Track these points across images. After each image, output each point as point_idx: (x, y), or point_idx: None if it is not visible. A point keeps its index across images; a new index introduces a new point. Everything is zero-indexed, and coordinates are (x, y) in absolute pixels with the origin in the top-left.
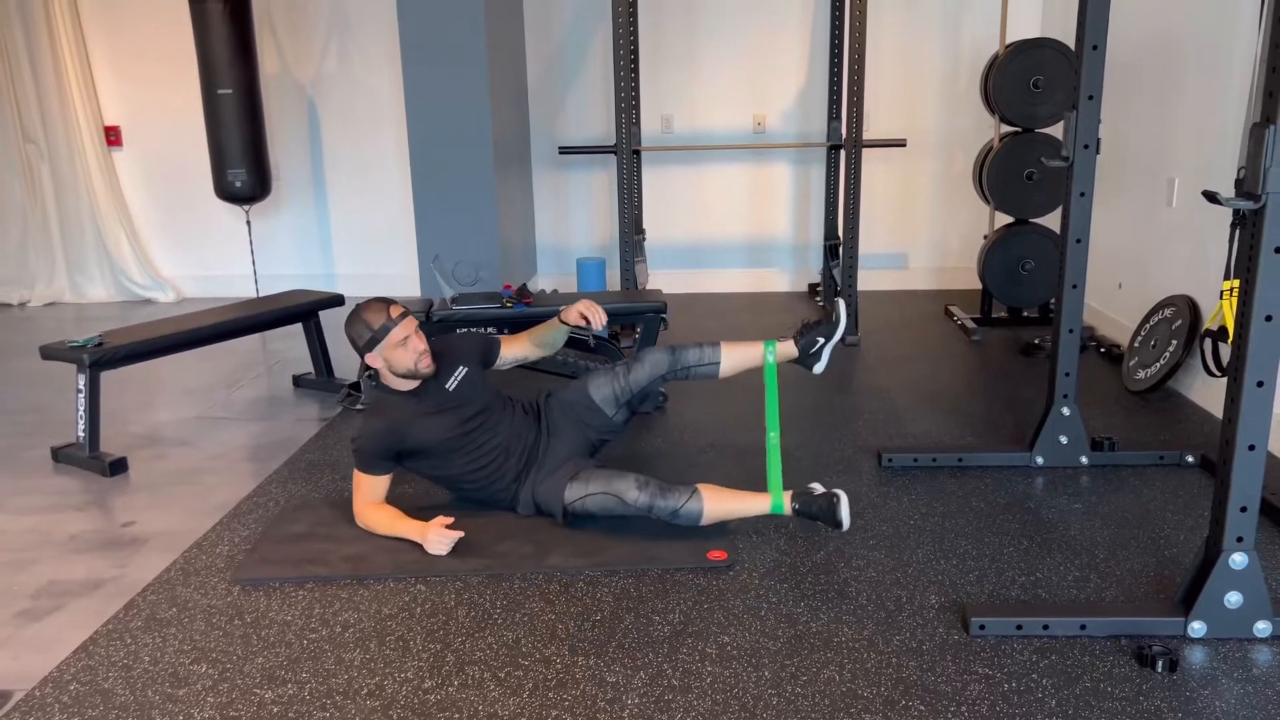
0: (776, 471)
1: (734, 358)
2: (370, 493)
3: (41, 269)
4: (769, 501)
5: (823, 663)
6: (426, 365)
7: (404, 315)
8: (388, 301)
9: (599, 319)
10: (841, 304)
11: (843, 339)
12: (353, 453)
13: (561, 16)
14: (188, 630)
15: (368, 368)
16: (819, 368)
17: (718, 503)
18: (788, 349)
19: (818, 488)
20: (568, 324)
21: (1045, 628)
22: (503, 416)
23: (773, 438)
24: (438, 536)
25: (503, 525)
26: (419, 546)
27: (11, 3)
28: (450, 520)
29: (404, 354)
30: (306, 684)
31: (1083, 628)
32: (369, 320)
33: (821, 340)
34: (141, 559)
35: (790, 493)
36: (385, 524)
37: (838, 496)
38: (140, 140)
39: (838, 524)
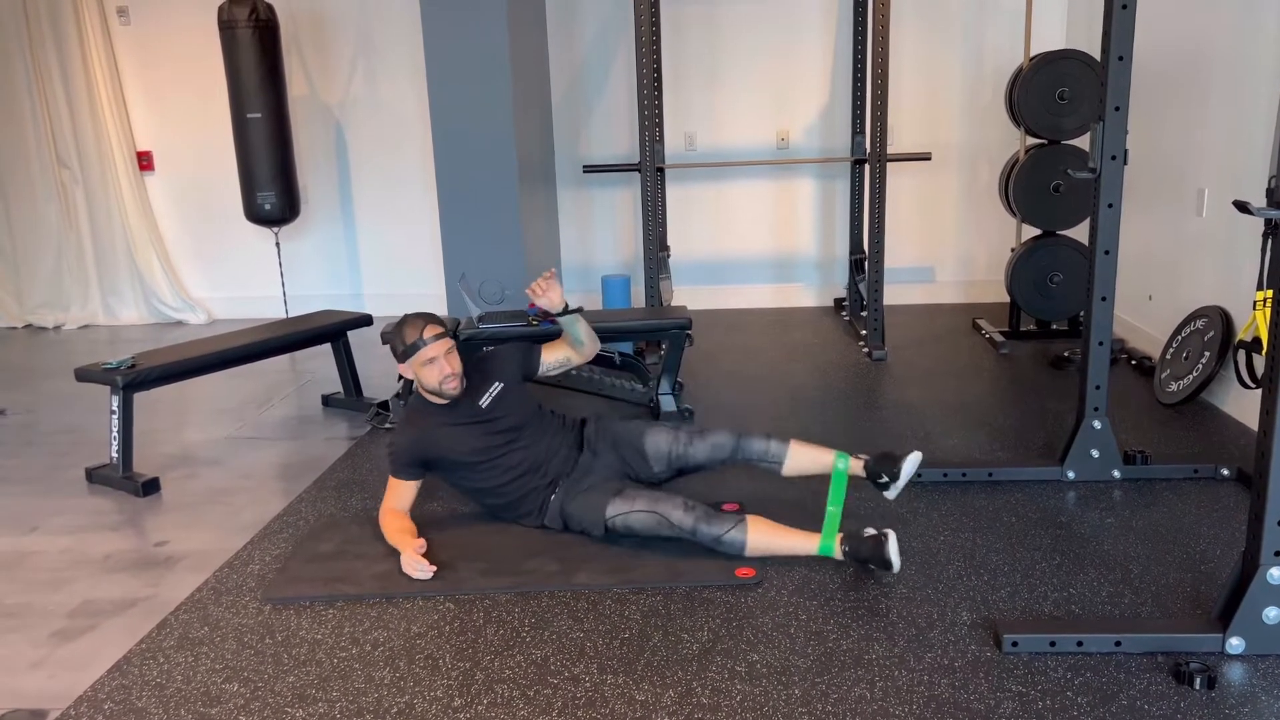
0: (834, 518)
1: (802, 459)
2: (395, 498)
3: (76, 292)
4: (818, 542)
5: (853, 681)
6: (452, 388)
7: (439, 336)
8: (430, 319)
9: (546, 298)
10: (912, 458)
11: (904, 485)
12: (387, 456)
13: (585, 36)
14: (219, 649)
15: (404, 377)
16: (890, 495)
17: (764, 536)
18: (857, 466)
19: (870, 531)
20: (554, 313)
21: (1079, 644)
22: (538, 435)
23: (832, 511)
24: (407, 563)
25: (530, 543)
26: (448, 565)
27: (46, 30)
28: (422, 546)
29: (430, 373)
30: (337, 703)
31: (1118, 644)
32: (405, 334)
33: (886, 479)
34: (174, 578)
35: (841, 535)
36: (390, 533)
37: (885, 535)
38: (171, 164)
39: (887, 564)
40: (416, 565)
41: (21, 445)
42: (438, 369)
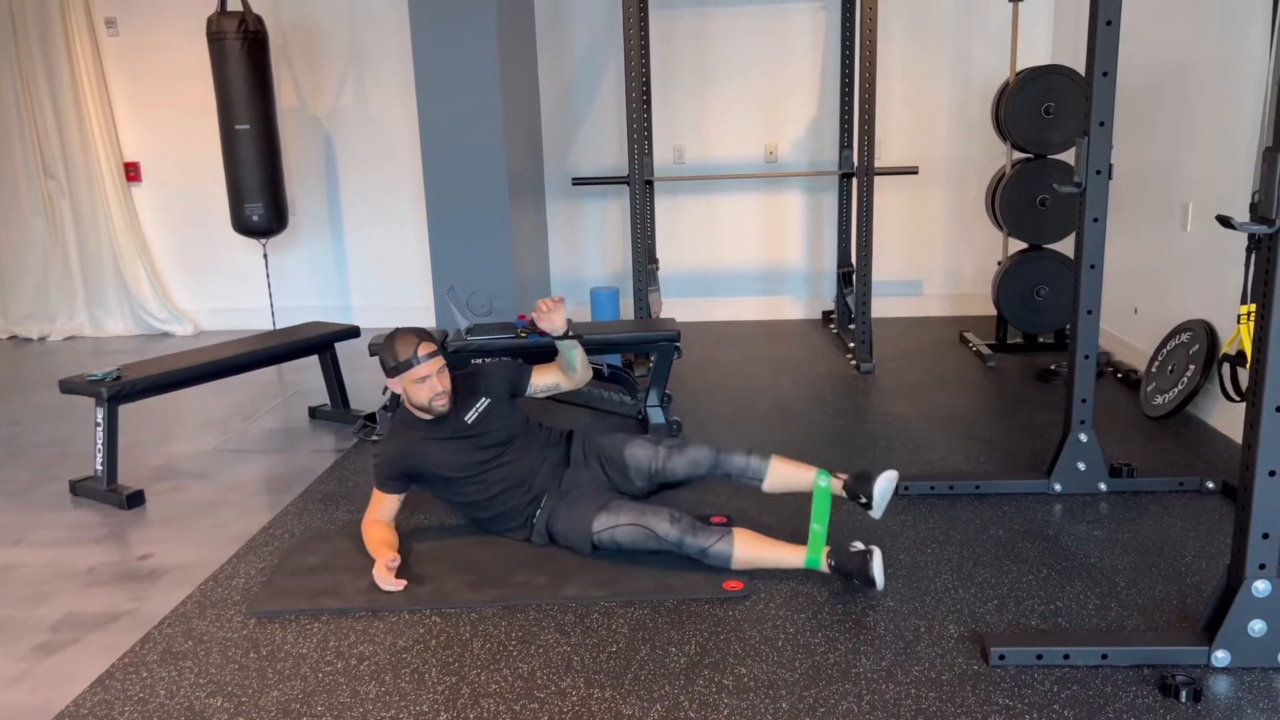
0: (818, 535)
1: (782, 475)
2: (378, 509)
3: (61, 304)
4: (804, 555)
5: (841, 694)
6: (441, 405)
7: (432, 355)
8: (423, 336)
9: (548, 319)
10: (885, 478)
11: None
12: (373, 467)
13: (574, 49)
14: (203, 663)
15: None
16: (874, 514)
17: (750, 549)
18: (838, 485)
19: (857, 545)
20: (552, 336)
21: (1066, 657)
22: (524, 450)
23: (817, 529)
24: (376, 574)
25: (517, 555)
26: (434, 578)
27: (34, 40)
28: (392, 561)
29: (420, 390)
30: (322, 717)
31: (1104, 657)
32: (398, 350)
33: (865, 500)
34: (158, 592)
35: (828, 548)
36: (370, 543)
37: (870, 552)
38: (159, 175)
39: (870, 582)
40: (384, 580)
41: (5, 457)
42: (428, 387)
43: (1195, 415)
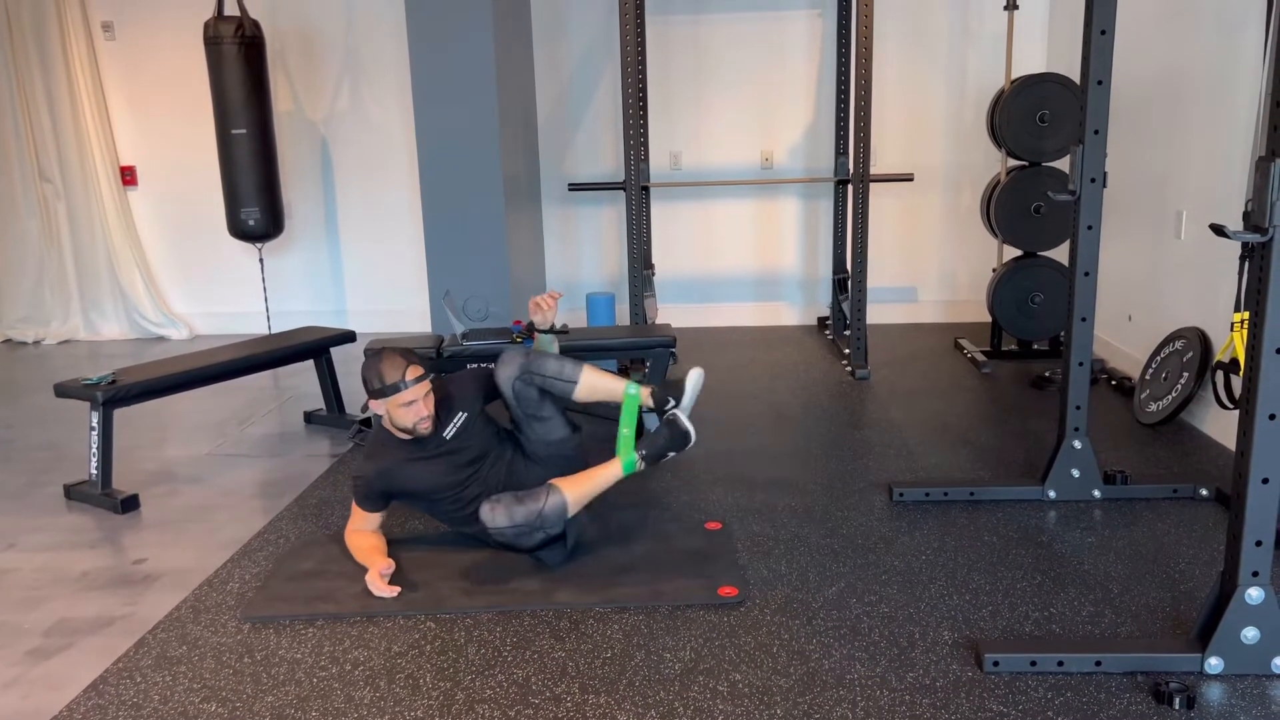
0: (627, 438)
1: (593, 383)
2: (360, 523)
3: (57, 307)
4: (620, 463)
5: (835, 700)
6: (425, 429)
7: (419, 379)
8: (410, 359)
9: (543, 315)
10: (694, 375)
11: (682, 426)
12: (351, 486)
13: (571, 56)
14: (197, 669)
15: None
16: (681, 411)
17: (576, 487)
18: (647, 395)
19: (655, 426)
20: (541, 329)
21: (1060, 664)
22: (498, 461)
23: (625, 432)
24: (369, 582)
25: (511, 561)
26: (429, 584)
27: (30, 44)
28: (386, 569)
29: (406, 414)
30: None
31: (1098, 664)
32: (384, 372)
33: (673, 402)
34: (152, 596)
35: (637, 446)
36: (359, 551)
37: (673, 414)
38: (155, 179)
39: (685, 435)
40: (378, 588)
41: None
42: (414, 411)
43: (1189, 422)
